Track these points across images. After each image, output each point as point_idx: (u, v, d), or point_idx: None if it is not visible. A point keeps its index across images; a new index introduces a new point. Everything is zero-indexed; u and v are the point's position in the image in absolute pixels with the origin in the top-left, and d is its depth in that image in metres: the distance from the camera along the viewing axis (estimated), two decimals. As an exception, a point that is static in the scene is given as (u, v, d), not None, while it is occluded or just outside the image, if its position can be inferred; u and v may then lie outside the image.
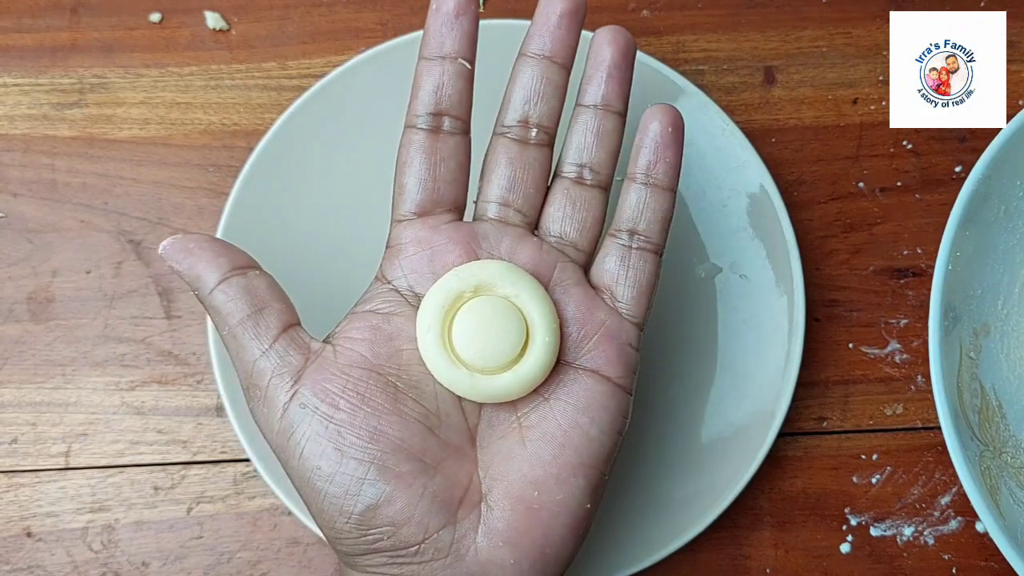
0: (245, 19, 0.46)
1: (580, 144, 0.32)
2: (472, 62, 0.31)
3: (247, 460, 0.40)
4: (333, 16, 0.46)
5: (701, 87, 0.42)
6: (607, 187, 0.32)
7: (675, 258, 0.42)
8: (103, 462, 0.41)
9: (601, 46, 0.32)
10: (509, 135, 0.32)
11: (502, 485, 0.28)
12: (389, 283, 0.31)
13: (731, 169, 0.42)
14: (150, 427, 0.41)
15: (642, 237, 0.31)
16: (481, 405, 0.30)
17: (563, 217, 0.31)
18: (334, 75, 0.42)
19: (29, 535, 0.40)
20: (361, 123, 0.43)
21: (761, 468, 0.39)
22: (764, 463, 0.39)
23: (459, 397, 0.30)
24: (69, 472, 0.41)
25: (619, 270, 0.31)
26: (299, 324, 0.30)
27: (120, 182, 0.44)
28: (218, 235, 0.40)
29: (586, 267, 0.32)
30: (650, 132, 0.31)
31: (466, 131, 0.32)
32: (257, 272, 0.30)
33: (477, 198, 0.32)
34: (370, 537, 0.27)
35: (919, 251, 0.43)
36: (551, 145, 0.32)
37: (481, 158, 0.33)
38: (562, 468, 0.28)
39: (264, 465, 0.38)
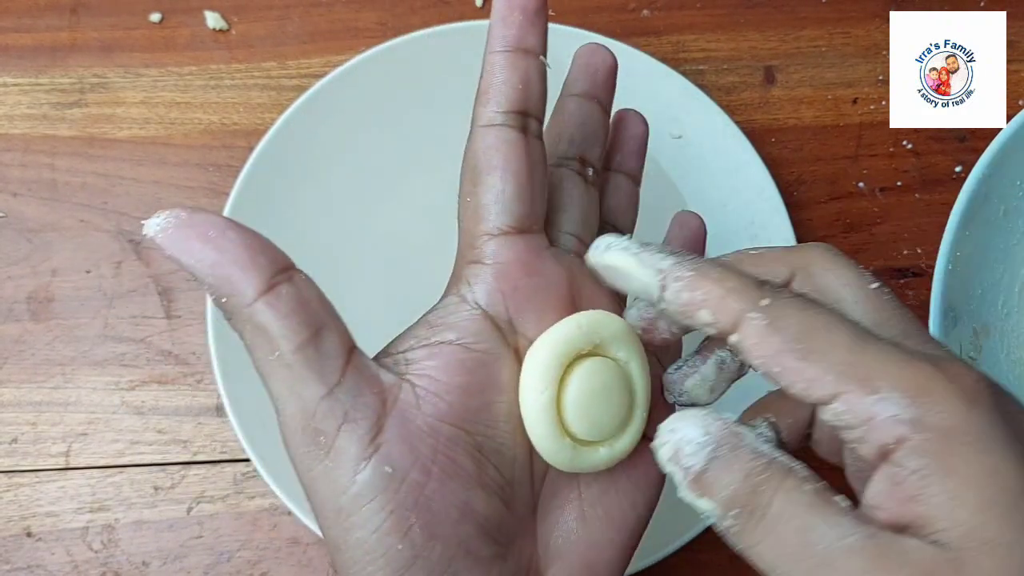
0: (245, 19, 0.46)
1: (610, 203, 0.31)
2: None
3: (247, 460, 0.40)
4: (333, 16, 0.46)
5: (701, 87, 0.42)
6: None
7: (675, 258, 0.42)
8: (103, 462, 0.41)
9: (632, 123, 0.32)
10: (570, 167, 0.29)
11: (560, 566, 0.26)
12: (478, 307, 0.26)
13: (731, 169, 0.42)
14: (150, 427, 0.41)
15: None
16: (547, 471, 0.26)
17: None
18: (334, 75, 0.42)
19: (29, 535, 0.40)
20: (361, 123, 0.43)
21: (761, 468, 0.39)
22: (764, 463, 0.39)
23: (532, 463, 0.26)
24: (69, 472, 0.41)
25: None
26: (356, 346, 0.24)
27: (120, 182, 0.44)
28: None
29: None
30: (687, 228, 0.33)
31: (541, 138, 0.28)
32: (303, 276, 0.24)
33: (547, 227, 0.28)
34: None
35: (919, 251, 0.43)
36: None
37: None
38: (616, 551, 0.27)
39: (264, 465, 0.38)
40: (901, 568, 0.19)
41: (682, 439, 0.22)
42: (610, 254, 0.24)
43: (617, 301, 0.28)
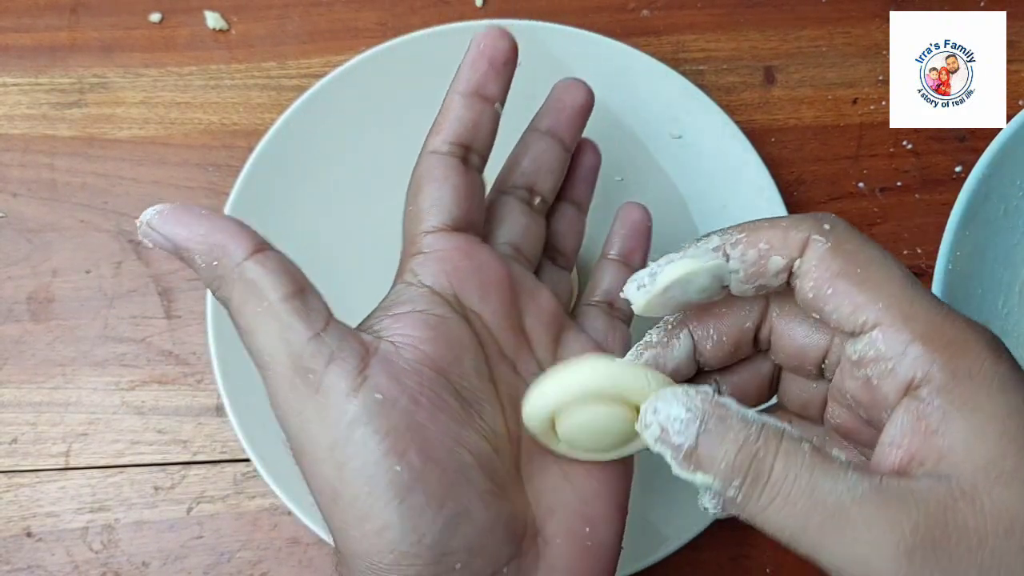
0: (245, 19, 0.46)
1: (556, 228, 0.34)
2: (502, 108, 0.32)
3: (247, 460, 0.40)
4: (332, 16, 0.46)
5: (701, 87, 0.42)
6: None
7: (675, 258, 0.42)
8: (103, 462, 0.41)
9: (587, 155, 0.35)
10: (516, 195, 0.33)
11: (555, 519, 0.26)
12: (426, 286, 0.28)
13: (731, 169, 0.42)
14: (150, 427, 0.41)
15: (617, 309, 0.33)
16: (520, 437, 0.28)
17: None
18: (334, 75, 0.42)
19: (29, 535, 0.40)
20: (361, 123, 0.43)
21: (761, 468, 0.39)
22: (764, 463, 0.39)
23: (506, 422, 0.27)
24: (69, 472, 0.41)
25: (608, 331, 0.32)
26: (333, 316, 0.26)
27: (120, 182, 0.44)
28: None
29: None
30: (628, 222, 0.35)
31: (481, 174, 0.32)
32: (286, 256, 0.27)
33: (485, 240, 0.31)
34: (442, 565, 0.23)
35: (919, 251, 0.43)
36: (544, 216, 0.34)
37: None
38: (608, 507, 0.27)
39: (264, 465, 0.38)
40: (916, 506, 0.20)
41: (666, 418, 0.22)
42: (662, 274, 0.24)
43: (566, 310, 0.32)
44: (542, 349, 0.29)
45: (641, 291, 0.25)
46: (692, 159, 0.42)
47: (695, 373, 0.27)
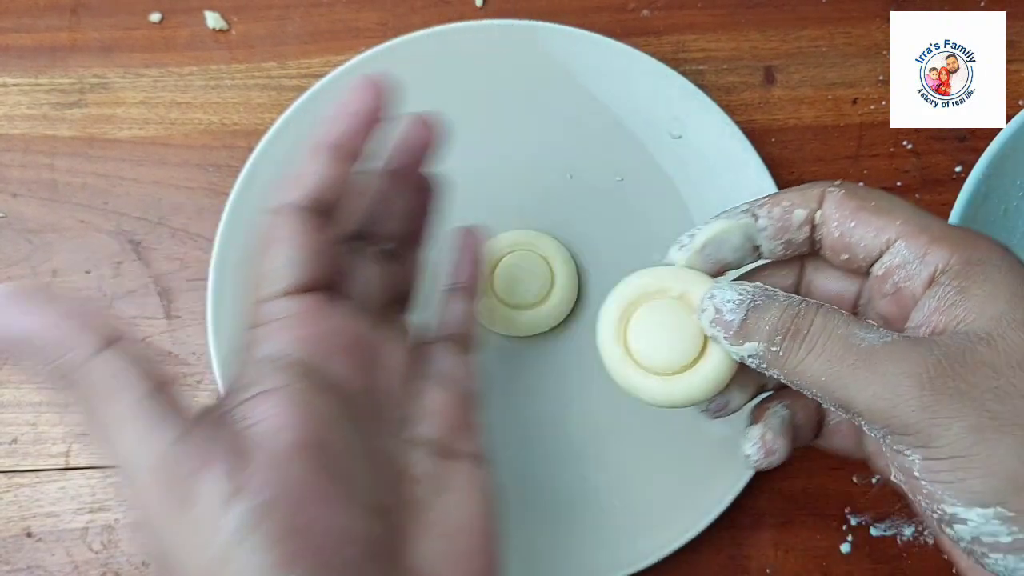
0: (245, 19, 0.46)
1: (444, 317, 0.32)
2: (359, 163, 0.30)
3: (247, 460, 0.40)
4: (333, 16, 0.46)
5: (701, 87, 0.42)
6: None
7: (675, 258, 0.42)
8: (103, 462, 0.41)
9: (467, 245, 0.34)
10: (357, 245, 0.31)
11: (433, 537, 0.26)
12: (278, 358, 0.25)
13: (731, 169, 0.42)
14: (150, 427, 0.41)
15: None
16: (400, 504, 0.26)
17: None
18: (334, 75, 0.42)
19: (29, 535, 0.40)
20: (361, 123, 0.43)
21: (761, 468, 0.39)
22: (764, 463, 0.39)
23: (389, 494, 0.26)
24: (69, 472, 0.41)
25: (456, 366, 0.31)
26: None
27: (120, 182, 0.44)
28: (218, 235, 0.40)
29: None
30: (457, 248, 0.34)
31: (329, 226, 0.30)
32: (143, 345, 0.25)
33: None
34: None
35: (919, 251, 0.43)
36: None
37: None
38: (486, 561, 0.27)
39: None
40: (939, 347, 0.23)
41: (720, 301, 0.26)
42: (699, 234, 0.28)
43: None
44: (407, 402, 0.28)
45: (683, 250, 0.28)
46: (692, 159, 0.42)
47: None
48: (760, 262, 0.29)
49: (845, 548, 0.40)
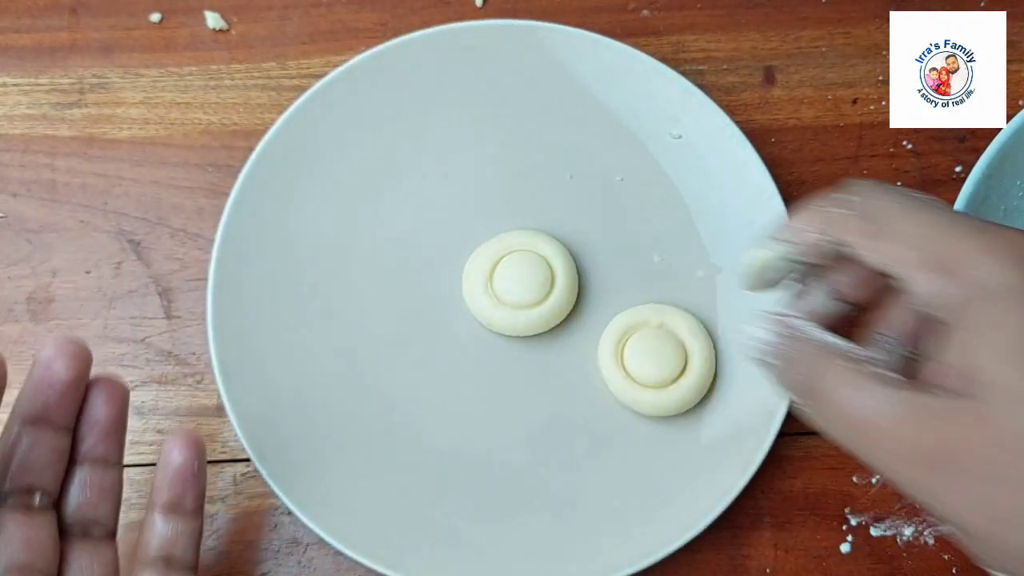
0: (245, 19, 0.46)
1: (80, 500, 0.31)
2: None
3: (247, 460, 0.40)
4: (333, 16, 0.46)
5: (701, 87, 0.42)
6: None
7: (675, 258, 0.42)
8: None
9: (96, 404, 0.30)
10: (11, 503, 0.29)
11: None
12: None
13: (731, 169, 0.42)
14: (150, 427, 0.41)
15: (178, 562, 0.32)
16: None
17: None
18: (334, 75, 0.42)
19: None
20: (361, 123, 0.43)
21: (761, 468, 0.38)
22: (764, 463, 0.39)
23: None
24: (69, 472, 0.40)
25: None
26: None
27: (120, 182, 0.44)
28: (218, 235, 0.40)
29: None
30: (172, 464, 0.33)
31: (53, 505, 0.29)
32: None
33: None
34: None
35: (919, 251, 0.43)
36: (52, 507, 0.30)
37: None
38: None
39: (264, 465, 0.38)
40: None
41: (752, 338, 0.27)
42: (747, 260, 0.29)
43: None
44: None
45: (747, 273, 0.29)
46: (692, 159, 0.42)
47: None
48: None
49: (845, 548, 0.40)
